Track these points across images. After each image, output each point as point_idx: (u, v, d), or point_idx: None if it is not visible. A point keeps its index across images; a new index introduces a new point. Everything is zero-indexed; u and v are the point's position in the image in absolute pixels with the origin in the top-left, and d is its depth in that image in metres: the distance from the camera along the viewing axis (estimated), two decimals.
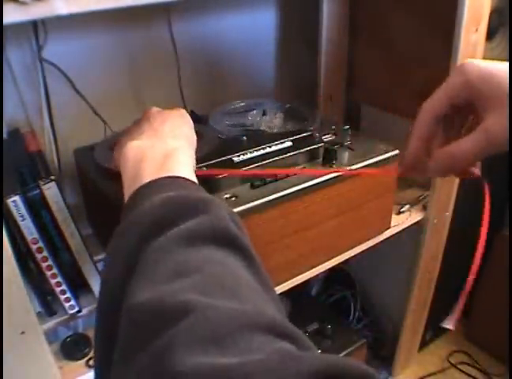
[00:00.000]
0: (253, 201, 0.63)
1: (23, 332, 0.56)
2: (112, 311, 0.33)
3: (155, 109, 0.55)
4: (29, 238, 0.59)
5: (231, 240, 0.35)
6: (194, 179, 0.45)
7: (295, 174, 0.68)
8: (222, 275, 0.31)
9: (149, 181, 0.41)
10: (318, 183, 0.68)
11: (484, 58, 0.81)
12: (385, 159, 0.75)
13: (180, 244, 0.33)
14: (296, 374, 0.23)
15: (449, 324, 0.52)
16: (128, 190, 0.43)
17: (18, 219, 0.58)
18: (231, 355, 0.25)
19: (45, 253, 0.61)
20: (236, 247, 0.35)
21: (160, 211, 0.37)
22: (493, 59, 0.43)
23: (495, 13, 0.80)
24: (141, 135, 0.49)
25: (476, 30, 0.76)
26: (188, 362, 0.24)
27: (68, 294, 0.65)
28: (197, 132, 0.55)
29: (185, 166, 0.45)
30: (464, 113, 0.46)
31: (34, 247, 0.60)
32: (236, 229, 0.37)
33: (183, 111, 0.56)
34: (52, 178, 0.61)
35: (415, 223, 0.92)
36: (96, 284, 0.67)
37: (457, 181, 0.93)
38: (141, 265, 0.33)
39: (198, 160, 0.65)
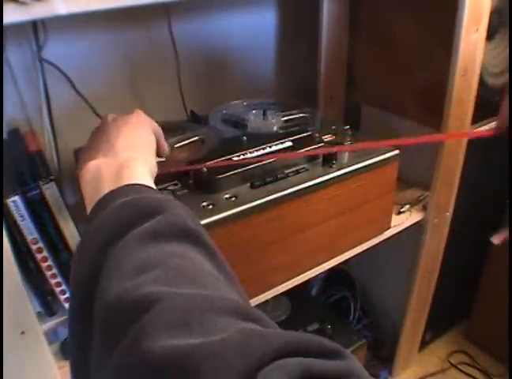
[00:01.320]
0: (253, 201, 0.63)
1: (23, 332, 0.56)
2: (83, 318, 0.34)
3: (110, 117, 0.55)
4: (29, 238, 0.59)
5: (189, 235, 0.37)
6: (151, 184, 0.46)
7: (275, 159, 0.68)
8: (183, 267, 0.33)
9: (107, 193, 0.42)
10: (318, 183, 0.68)
11: (484, 57, 0.81)
12: (385, 159, 0.75)
13: (141, 242, 0.35)
14: (259, 350, 0.24)
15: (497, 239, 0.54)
16: (89, 208, 0.43)
17: (18, 219, 0.58)
18: (197, 337, 0.25)
19: (45, 253, 0.61)
20: (196, 241, 0.37)
21: (119, 215, 0.38)
22: (493, 59, 0.43)
23: (495, 13, 0.80)
24: (97, 153, 0.49)
25: (476, 30, 0.76)
26: (156, 346, 0.25)
27: (68, 295, 0.64)
28: (198, 136, 0.55)
29: (141, 175, 0.46)
30: None
31: (34, 247, 0.60)
32: (194, 224, 0.38)
33: (139, 113, 0.56)
34: (52, 178, 0.61)
35: (415, 223, 0.92)
36: None
37: (457, 181, 0.93)
38: (107, 266, 0.34)
39: (199, 160, 0.66)
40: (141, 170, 0.47)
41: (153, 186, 0.46)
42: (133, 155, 0.48)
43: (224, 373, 0.23)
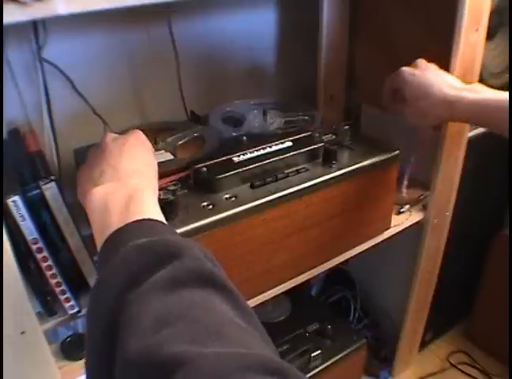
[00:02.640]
0: (253, 201, 0.63)
1: (23, 332, 0.56)
2: (100, 368, 0.34)
3: (110, 138, 0.55)
4: (29, 238, 0.59)
5: (207, 279, 0.35)
6: (161, 216, 0.45)
7: None
8: (205, 319, 0.32)
9: (116, 230, 0.41)
10: (318, 183, 0.68)
11: (484, 58, 0.81)
12: (385, 159, 0.75)
13: (159, 292, 0.34)
14: None
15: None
16: (98, 241, 0.43)
17: (18, 219, 0.58)
18: None
19: (45, 253, 0.61)
20: (214, 285, 0.35)
21: (133, 262, 0.37)
22: (493, 59, 0.44)
23: (495, 13, 0.80)
24: (101, 177, 0.48)
25: (476, 30, 0.76)
26: None
27: (68, 295, 0.64)
28: (198, 136, 0.55)
29: (149, 206, 0.45)
30: None
31: (34, 247, 0.60)
32: (212, 266, 0.37)
33: (139, 134, 0.56)
34: (52, 178, 0.61)
35: (415, 223, 0.92)
36: None
37: (457, 181, 0.93)
38: (124, 318, 0.33)
39: (199, 161, 0.66)
40: (149, 200, 0.46)
41: (163, 218, 0.45)
42: (139, 183, 0.48)
43: None
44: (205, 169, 0.65)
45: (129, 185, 0.47)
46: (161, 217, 0.45)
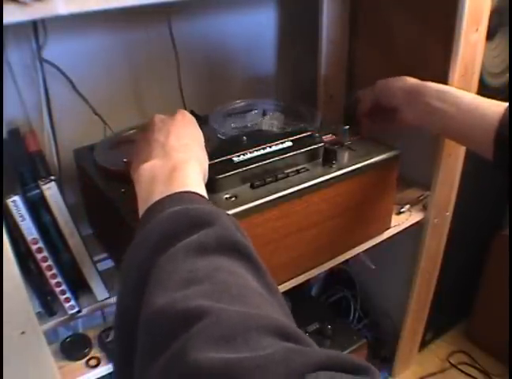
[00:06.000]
0: (253, 201, 0.63)
1: (23, 332, 0.56)
2: (129, 323, 0.35)
3: (158, 118, 0.57)
4: (29, 238, 0.59)
5: (237, 249, 0.37)
6: (202, 188, 0.47)
7: None
8: (230, 283, 0.33)
9: (158, 200, 0.43)
10: (318, 183, 0.68)
11: (484, 58, 0.81)
12: (385, 159, 0.75)
13: (189, 254, 0.36)
14: (301, 365, 0.26)
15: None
16: (141, 211, 0.45)
17: (18, 219, 0.58)
18: (242, 352, 0.27)
19: (45, 253, 0.61)
20: (242, 255, 0.37)
21: (168, 224, 0.39)
22: (493, 59, 0.44)
23: (495, 13, 0.80)
24: (151, 154, 0.51)
25: (476, 30, 0.76)
26: (202, 358, 0.26)
27: (68, 295, 0.65)
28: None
29: (191, 178, 0.47)
30: None
31: (34, 247, 0.60)
32: (242, 238, 0.39)
33: (183, 112, 0.58)
34: (52, 178, 0.61)
35: (415, 223, 0.92)
36: (95, 284, 0.67)
37: (457, 181, 0.93)
38: (154, 276, 0.35)
39: None
40: (193, 172, 0.48)
41: (204, 191, 0.47)
42: (184, 156, 0.50)
43: None
44: None
45: (175, 158, 0.49)
46: (202, 189, 0.47)
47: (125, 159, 0.63)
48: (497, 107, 0.65)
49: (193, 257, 0.35)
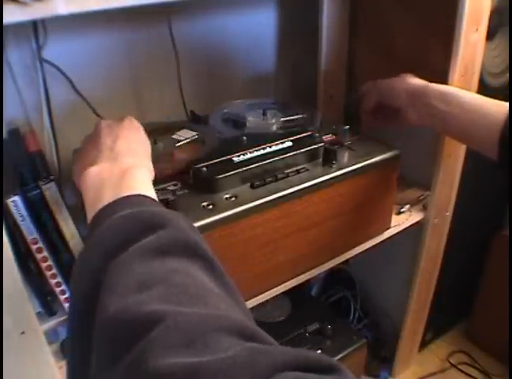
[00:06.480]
0: (253, 201, 0.63)
1: (23, 332, 0.56)
2: (84, 327, 0.34)
3: (104, 123, 0.56)
4: (29, 238, 0.59)
5: (191, 250, 0.36)
6: (152, 193, 0.46)
7: None
8: (185, 284, 0.33)
9: (107, 204, 0.42)
10: (318, 183, 0.68)
11: (484, 58, 0.81)
12: (385, 159, 0.75)
13: (143, 257, 0.35)
14: (266, 367, 0.25)
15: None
16: (90, 216, 0.44)
17: (18, 219, 0.58)
18: (201, 356, 0.26)
19: (45, 253, 0.61)
20: (198, 256, 0.36)
21: (120, 228, 0.38)
22: (493, 59, 0.44)
23: (495, 13, 0.80)
24: (97, 158, 0.49)
25: (476, 30, 0.76)
26: (162, 364, 0.25)
27: (68, 295, 0.64)
28: (198, 136, 0.56)
29: (141, 183, 0.46)
30: None
31: (34, 247, 0.60)
32: (196, 238, 0.38)
33: (131, 119, 0.57)
34: (52, 178, 0.61)
35: (415, 223, 0.92)
36: None
37: (457, 181, 0.93)
38: (107, 281, 0.34)
39: (199, 161, 0.66)
40: (141, 177, 0.47)
41: (154, 195, 0.46)
42: (134, 161, 0.49)
43: None
44: (205, 169, 0.65)
45: (124, 162, 0.48)
46: (152, 193, 0.46)
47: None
48: (499, 107, 0.65)
49: (147, 260, 0.34)
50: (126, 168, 0.47)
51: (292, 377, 0.24)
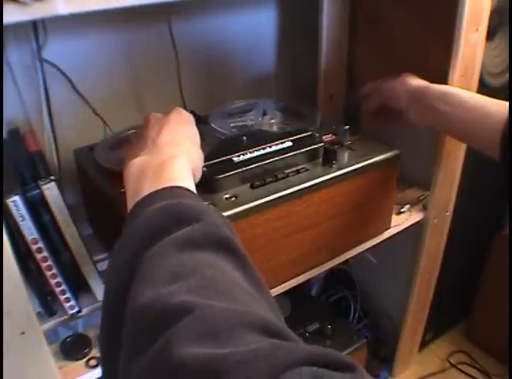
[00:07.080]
0: (253, 201, 0.63)
1: (23, 332, 0.56)
2: (115, 316, 0.35)
3: (153, 116, 0.56)
4: (29, 238, 0.59)
5: (224, 245, 0.37)
6: (191, 184, 0.47)
7: None
8: (216, 278, 0.33)
9: (146, 195, 0.43)
10: (318, 183, 0.68)
11: (484, 58, 0.81)
12: (385, 159, 0.75)
13: (177, 249, 0.35)
14: (285, 360, 0.25)
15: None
16: (129, 206, 0.45)
17: (18, 219, 0.58)
18: (225, 348, 0.27)
19: (45, 253, 0.61)
20: (230, 251, 0.37)
21: (155, 220, 0.39)
22: (493, 59, 0.44)
23: (495, 13, 0.80)
24: (142, 151, 0.51)
25: (476, 30, 0.76)
26: (186, 353, 0.26)
27: (68, 295, 0.65)
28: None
29: (179, 173, 0.47)
30: None
31: (34, 247, 0.60)
32: (230, 234, 0.39)
33: (180, 110, 0.57)
34: (52, 178, 0.61)
35: (415, 223, 0.92)
36: (95, 284, 0.67)
37: (457, 181, 0.93)
38: (141, 270, 0.35)
39: None
40: (182, 167, 0.48)
41: (193, 186, 0.47)
42: (175, 151, 0.50)
43: None
44: (204, 169, 0.65)
45: (165, 153, 0.49)
46: (191, 184, 0.47)
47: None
48: (500, 106, 0.65)
49: (180, 252, 0.35)
50: (167, 158, 0.48)
51: (309, 371, 0.25)
